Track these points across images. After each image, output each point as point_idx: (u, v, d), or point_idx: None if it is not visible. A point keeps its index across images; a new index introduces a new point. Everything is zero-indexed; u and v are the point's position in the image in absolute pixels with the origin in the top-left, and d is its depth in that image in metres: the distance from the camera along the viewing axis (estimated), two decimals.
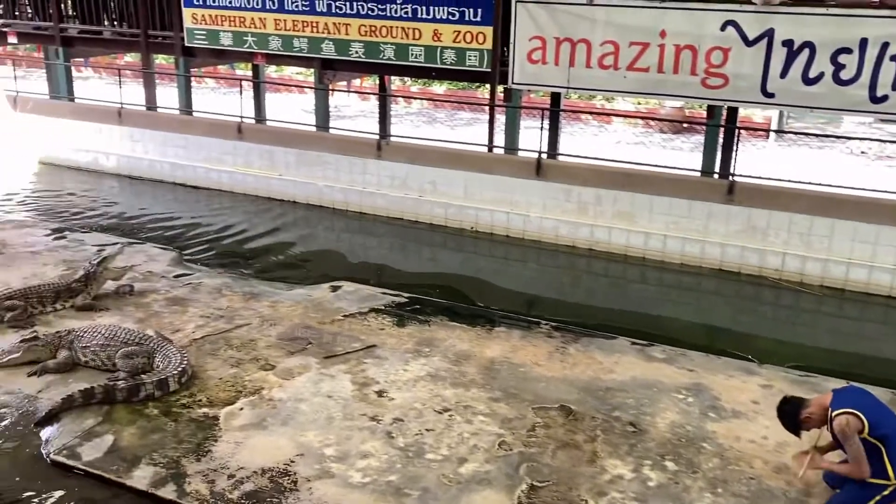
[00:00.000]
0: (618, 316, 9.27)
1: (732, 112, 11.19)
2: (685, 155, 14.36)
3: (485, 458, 5.67)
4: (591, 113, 19.36)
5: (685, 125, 18.82)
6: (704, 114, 12.78)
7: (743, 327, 9.33)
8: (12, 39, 15.99)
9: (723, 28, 10.11)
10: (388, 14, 12.11)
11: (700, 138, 12.79)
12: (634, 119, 19.66)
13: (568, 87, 11.47)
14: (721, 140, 11.28)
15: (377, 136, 12.76)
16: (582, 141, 16.37)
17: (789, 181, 10.29)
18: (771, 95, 10.16)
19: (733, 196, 10.30)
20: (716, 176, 11.12)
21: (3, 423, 6.04)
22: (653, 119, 18.98)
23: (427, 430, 6.00)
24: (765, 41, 9.94)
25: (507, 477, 5.46)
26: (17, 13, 16.06)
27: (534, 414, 6.28)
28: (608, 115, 19.68)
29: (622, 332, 8.06)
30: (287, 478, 5.38)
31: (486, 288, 10.06)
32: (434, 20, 11.82)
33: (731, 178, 10.61)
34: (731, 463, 5.73)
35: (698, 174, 11.18)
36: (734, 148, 10.81)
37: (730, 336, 8.99)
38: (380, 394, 6.52)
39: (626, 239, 10.85)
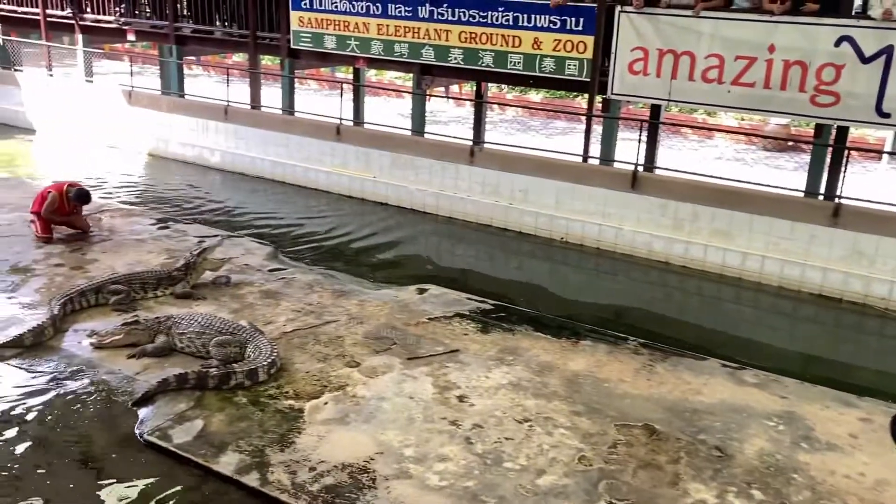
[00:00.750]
0: (709, 336, 9.00)
1: (842, 131, 10.71)
2: (788, 174, 13.84)
3: (563, 471, 5.60)
4: (691, 127, 18.87)
5: (790, 143, 18.14)
6: (811, 132, 12.30)
7: (843, 357, 8.91)
8: (131, 37, 16.87)
9: (837, 44, 9.72)
10: (489, 21, 12.17)
11: (805, 157, 12.29)
12: (737, 135, 19.07)
13: (669, 100, 11.25)
14: (828, 160, 10.81)
15: (471, 142, 12.82)
16: (681, 155, 16.00)
17: None
18: (886, 115, 9.69)
19: (839, 219, 9.84)
20: (821, 197, 10.67)
21: (103, 402, 6.36)
22: (756, 136, 18.37)
23: (506, 438, 5.97)
24: (882, 58, 9.50)
25: (585, 492, 5.37)
26: (136, 12, 16.92)
27: (616, 431, 6.16)
28: (709, 129, 19.14)
29: (713, 354, 7.81)
30: (366, 475, 5.45)
31: (573, 300, 9.95)
32: (535, 28, 11.80)
33: (837, 200, 10.14)
34: (824, 497, 5.46)
35: (802, 195, 10.74)
36: (842, 169, 10.33)
37: (828, 365, 8.60)
38: (461, 399, 6.53)
39: (722, 258, 10.53)
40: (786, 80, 10.12)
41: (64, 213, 9.92)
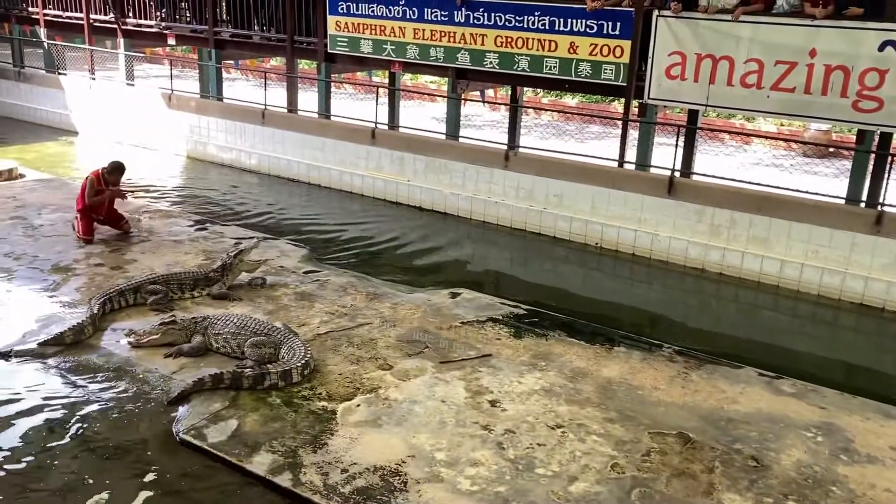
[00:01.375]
0: (745, 345, 8.87)
1: (885, 137, 10.50)
2: (829, 181, 13.59)
3: (596, 478, 5.55)
4: (729, 132, 18.62)
5: (831, 149, 17.81)
6: (853, 138, 12.07)
7: (885, 367, 8.71)
8: (171, 41, 17.14)
9: (881, 48, 9.53)
10: (525, 26, 12.14)
11: (846, 164, 12.06)
12: (775, 141, 18.78)
13: (706, 105, 11.11)
14: (871, 167, 10.61)
15: (506, 147, 12.80)
16: (718, 160, 15.80)
17: None
18: None
19: (881, 227, 9.65)
20: (862, 205, 10.46)
21: (141, 400, 6.45)
22: (796, 142, 18.07)
23: (538, 444, 5.94)
24: None
25: (617, 500, 5.32)
26: (177, 17, 17.20)
27: (650, 439, 6.10)
28: (747, 135, 18.88)
29: (749, 362, 7.69)
30: (398, 478, 5.46)
31: (607, 306, 9.88)
32: (571, 32, 11.75)
33: (879, 207, 9.95)
34: None
35: (843, 202, 10.55)
36: (885, 176, 10.12)
37: (868, 375, 8.42)
38: (493, 403, 6.51)
39: (759, 265, 10.38)
40: (827, 85, 9.96)
41: (104, 193, 10.14)
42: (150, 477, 5.53)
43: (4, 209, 11.28)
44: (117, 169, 10.34)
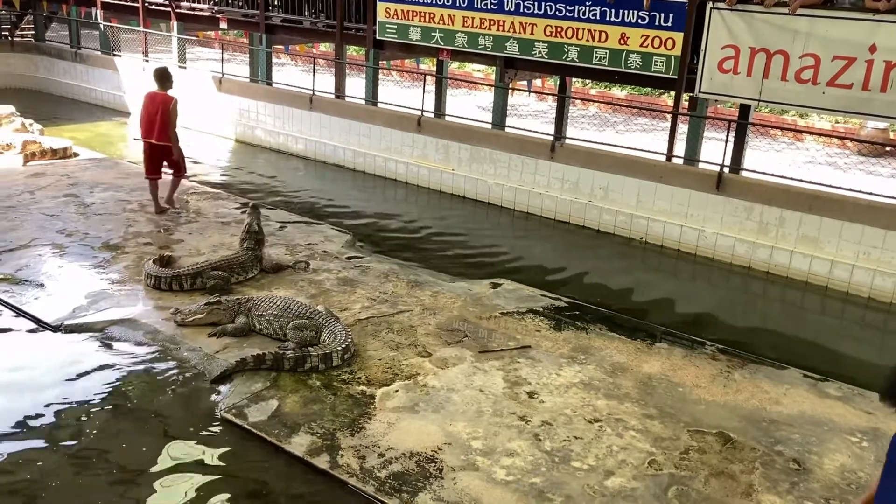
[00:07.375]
0: (791, 345, 8.70)
1: None
2: (884, 181, 13.24)
3: (633, 474, 5.51)
4: (781, 128, 18.23)
5: (888, 148, 17.33)
6: None
7: None
8: (223, 25, 17.35)
9: None
10: (576, 15, 12.02)
11: None
12: (829, 138, 18.33)
13: (759, 100, 10.89)
14: None
15: (551, 138, 12.71)
16: (769, 157, 15.49)
17: None
18: None
19: None
20: None
21: (184, 377, 6.58)
22: (851, 139, 17.62)
23: (575, 437, 5.92)
24: None
25: (654, 497, 5.28)
26: (229, 1, 17.40)
27: (689, 436, 6.03)
28: (801, 131, 18.47)
29: (794, 363, 7.55)
30: (433, 464, 5.49)
31: (650, 301, 9.76)
32: (622, 23, 11.60)
33: None
34: None
35: None
36: None
37: None
38: (531, 395, 6.50)
39: (808, 265, 10.16)
40: (887, 81, 9.67)
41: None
42: (189, 453, 5.64)
43: (58, 186, 11.58)
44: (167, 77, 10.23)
